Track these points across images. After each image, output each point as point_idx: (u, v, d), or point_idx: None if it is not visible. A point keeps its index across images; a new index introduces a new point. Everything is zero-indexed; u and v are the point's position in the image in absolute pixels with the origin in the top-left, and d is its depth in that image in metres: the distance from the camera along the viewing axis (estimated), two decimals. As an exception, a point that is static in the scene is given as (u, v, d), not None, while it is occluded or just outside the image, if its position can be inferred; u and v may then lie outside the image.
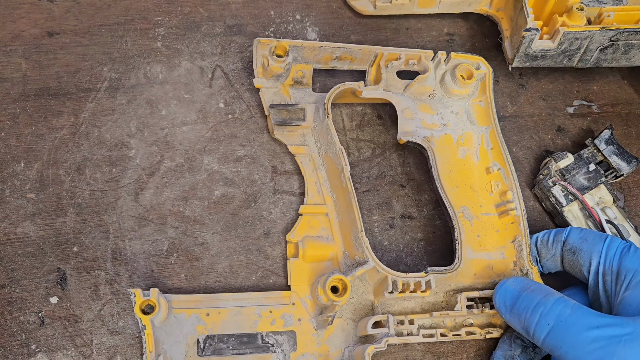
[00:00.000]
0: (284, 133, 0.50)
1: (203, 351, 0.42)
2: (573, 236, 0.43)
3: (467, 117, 0.51)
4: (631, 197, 0.53)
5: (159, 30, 0.54)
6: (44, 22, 0.53)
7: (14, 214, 0.46)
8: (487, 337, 0.44)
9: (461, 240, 0.46)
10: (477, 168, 0.49)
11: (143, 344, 0.40)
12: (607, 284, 0.40)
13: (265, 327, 0.43)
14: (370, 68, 0.52)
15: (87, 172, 0.48)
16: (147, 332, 0.40)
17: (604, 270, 0.40)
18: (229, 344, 0.43)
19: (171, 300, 0.43)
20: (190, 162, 0.49)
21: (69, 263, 0.45)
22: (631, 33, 0.49)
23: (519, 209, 0.46)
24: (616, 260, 0.40)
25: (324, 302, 0.43)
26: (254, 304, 0.44)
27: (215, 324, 0.43)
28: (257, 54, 0.49)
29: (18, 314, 0.43)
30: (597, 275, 0.41)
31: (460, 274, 0.45)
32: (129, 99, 0.51)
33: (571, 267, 0.43)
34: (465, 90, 0.50)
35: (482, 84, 0.51)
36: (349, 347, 0.44)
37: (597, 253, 0.41)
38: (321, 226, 0.47)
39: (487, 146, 0.50)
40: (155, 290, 0.40)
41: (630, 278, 0.38)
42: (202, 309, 0.43)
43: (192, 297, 0.44)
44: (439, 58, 0.50)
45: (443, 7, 0.56)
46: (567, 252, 0.43)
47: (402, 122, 0.49)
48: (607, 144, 0.50)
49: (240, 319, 0.43)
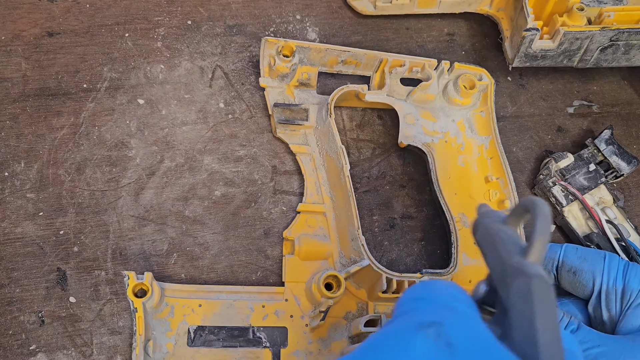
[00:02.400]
0: (287, 132, 0.50)
1: (193, 342, 0.42)
2: (570, 256, 0.42)
3: (468, 126, 0.51)
4: (631, 197, 0.53)
5: (159, 30, 0.54)
6: (44, 22, 0.53)
7: (14, 214, 0.46)
8: None
9: (457, 245, 0.46)
10: (476, 176, 0.49)
11: (133, 327, 0.40)
12: (611, 303, 0.40)
13: (257, 321, 0.43)
14: (374, 74, 0.52)
15: (87, 172, 0.48)
16: (138, 315, 0.40)
17: (607, 289, 0.41)
18: (219, 336, 0.43)
19: (165, 288, 0.43)
20: (191, 162, 0.49)
21: (69, 263, 0.45)
22: (631, 33, 0.49)
23: None
24: (620, 280, 0.40)
25: (317, 299, 0.43)
26: (247, 297, 0.44)
27: (207, 316, 0.43)
28: (264, 53, 0.49)
29: (18, 313, 0.43)
30: (600, 294, 0.41)
31: (456, 279, 0.45)
32: (129, 98, 0.51)
33: (572, 287, 0.43)
34: (467, 100, 0.50)
35: (483, 94, 0.51)
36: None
37: (599, 273, 0.41)
38: (318, 225, 0.47)
39: (486, 156, 0.50)
40: (149, 274, 0.40)
41: (635, 297, 0.39)
42: (195, 299, 0.43)
43: (186, 286, 0.44)
44: (443, 67, 0.50)
45: (443, 7, 0.56)
46: (567, 273, 0.42)
47: (404, 127, 0.50)
48: (607, 144, 0.50)
49: (233, 312, 0.43)
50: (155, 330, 0.42)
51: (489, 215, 0.30)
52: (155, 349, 0.41)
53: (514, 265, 0.25)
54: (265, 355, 0.43)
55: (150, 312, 0.42)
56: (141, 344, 0.40)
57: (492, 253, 0.28)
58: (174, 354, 0.42)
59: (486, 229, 0.29)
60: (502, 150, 0.49)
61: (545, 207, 0.25)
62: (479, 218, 0.31)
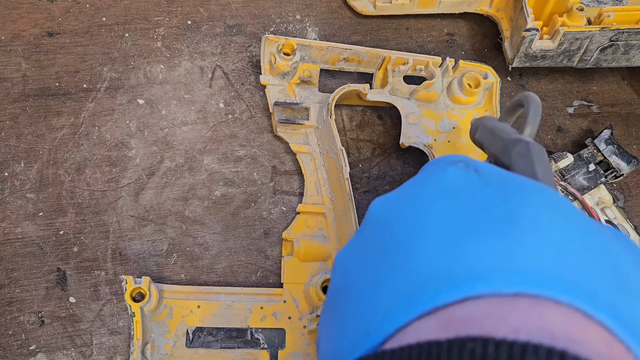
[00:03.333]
0: (287, 131, 0.50)
1: (191, 343, 0.42)
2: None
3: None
4: (631, 197, 0.53)
5: (159, 30, 0.54)
6: (44, 22, 0.53)
7: (14, 214, 0.46)
8: None
9: None
10: None
11: (131, 331, 0.40)
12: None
13: (255, 323, 0.43)
14: (377, 71, 0.52)
15: (87, 172, 0.48)
16: (136, 319, 0.40)
17: None
18: (217, 338, 0.43)
19: (163, 289, 0.43)
20: (190, 162, 0.49)
21: (68, 263, 0.45)
22: (631, 33, 0.49)
23: None
24: None
25: (315, 302, 0.43)
26: (245, 299, 0.44)
27: (206, 317, 0.43)
28: (265, 51, 0.49)
29: (18, 314, 0.43)
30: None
31: None
32: (128, 99, 0.51)
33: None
34: (472, 98, 0.50)
35: (488, 93, 0.50)
36: None
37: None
38: (318, 226, 0.47)
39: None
40: (147, 278, 0.40)
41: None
42: (193, 300, 0.43)
43: (184, 288, 0.44)
44: (447, 65, 0.49)
45: (443, 7, 0.56)
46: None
47: (406, 127, 0.49)
48: (607, 144, 0.50)
49: (231, 313, 0.43)
50: (153, 332, 0.42)
51: (486, 118, 0.35)
52: (154, 351, 0.41)
53: (513, 138, 0.30)
54: (263, 357, 0.43)
55: (149, 315, 0.42)
56: (139, 348, 0.40)
57: (492, 140, 0.32)
58: (172, 355, 0.42)
59: (485, 126, 0.34)
60: None
61: (536, 97, 0.31)
62: (477, 121, 0.36)
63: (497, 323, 0.18)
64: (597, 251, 0.21)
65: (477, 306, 0.19)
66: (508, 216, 0.21)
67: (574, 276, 0.20)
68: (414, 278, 0.21)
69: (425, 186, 0.25)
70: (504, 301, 0.19)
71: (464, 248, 0.21)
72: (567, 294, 0.19)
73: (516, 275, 0.20)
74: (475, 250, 0.21)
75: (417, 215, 0.23)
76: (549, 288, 0.19)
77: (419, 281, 0.21)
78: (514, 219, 0.21)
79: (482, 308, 0.19)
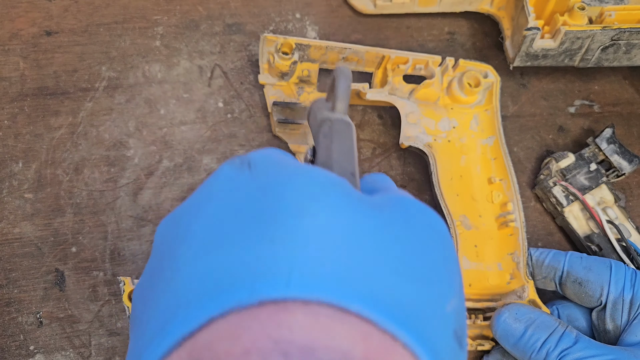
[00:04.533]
0: (286, 131, 0.50)
1: None
2: (575, 267, 0.42)
3: (472, 125, 0.50)
4: (632, 197, 0.52)
5: (158, 29, 0.54)
6: (42, 21, 0.52)
7: (12, 214, 0.45)
8: (479, 349, 0.43)
9: (457, 248, 0.45)
10: (479, 177, 0.48)
11: (129, 332, 0.40)
12: (617, 313, 0.40)
13: None
14: (376, 71, 0.51)
15: (85, 172, 0.47)
16: None
17: (614, 300, 0.40)
18: None
19: None
20: (189, 162, 0.49)
21: (67, 264, 0.45)
22: (633, 32, 0.48)
23: (518, 221, 0.45)
24: (628, 290, 0.40)
25: None
26: None
27: None
28: (263, 50, 0.49)
29: (16, 314, 0.43)
30: (607, 304, 0.40)
31: None
32: (127, 98, 0.50)
33: (577, 297, 0.42)
34: (472, 97, 0.50)
35: (489, 92, 0.50)
36: None
37: (606, 283, 0.40)
38: None
39: (490, 156, 0.49)
40: None
41: None
42: None
43: None
44: (447, 64, 0.49)
45: (444, 6, 0.56)
46: (572, 284, 0.42)
47: (405, 126, 0.49)
48: (609, 143, 0.50)
49: None
50: None
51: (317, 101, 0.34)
52: None
53: (322, 118, 0.30)
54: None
55: None
56: None
57: (313, 123, 0.32)
58: None
59: (311, 108, 0.34)
60: (507, 150, 0.48)
61: (345, 70, 0.30)
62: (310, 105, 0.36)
63: (229, 346, 0.16)
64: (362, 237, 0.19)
65: (218, 328, 0.17)
66: (261, 213, 0.19)
67: (325, 269, 0.17)
68: (172, 302, 0.18)
69: (199, 190, 0.23)
70: (247, 315, 0.17)
71: (217, 259, 0.18)
72: (312, 290, 0.17)
73: (261, 280, 0.17)
74: (227, 259, 0.18)
75: (188, 225, 0.21)
76: (293, 288, 0.17)
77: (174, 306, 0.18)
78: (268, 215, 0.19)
79: (222, 328, 0.17)
